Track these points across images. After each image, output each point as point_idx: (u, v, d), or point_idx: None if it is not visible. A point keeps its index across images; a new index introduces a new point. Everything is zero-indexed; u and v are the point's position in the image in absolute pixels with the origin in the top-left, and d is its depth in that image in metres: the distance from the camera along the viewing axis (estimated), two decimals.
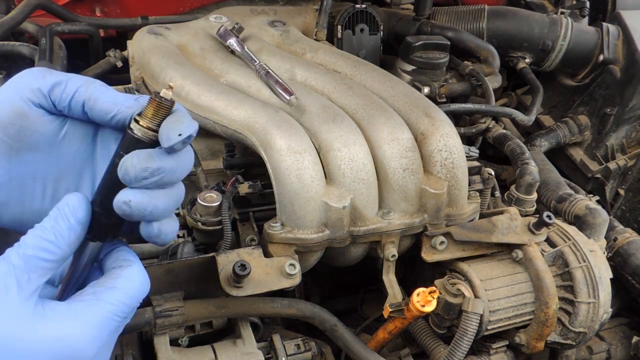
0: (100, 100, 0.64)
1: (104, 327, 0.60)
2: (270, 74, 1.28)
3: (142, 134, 0.62)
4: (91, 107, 0.64)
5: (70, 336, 0.58)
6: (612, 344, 1.47)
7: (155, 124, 0.62)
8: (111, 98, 0.65)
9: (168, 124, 0.62)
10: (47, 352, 0.57)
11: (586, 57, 1.92)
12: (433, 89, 1.65)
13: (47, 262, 0.59)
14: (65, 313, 0.59)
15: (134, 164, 0.60)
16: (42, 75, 0.65)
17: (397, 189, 1.18)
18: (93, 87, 0.65)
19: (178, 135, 0.61)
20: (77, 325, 0.59)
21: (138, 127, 0.62)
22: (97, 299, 0.61)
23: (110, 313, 0.61)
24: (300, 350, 1.10)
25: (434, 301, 1.10)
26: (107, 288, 0.62)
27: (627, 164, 1.92)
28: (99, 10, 1.77)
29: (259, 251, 1.10)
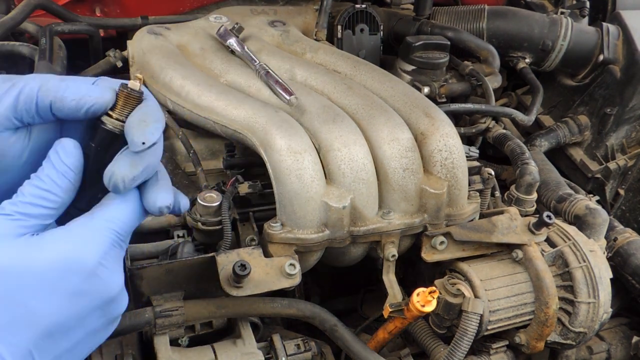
0: (67, 99, 0.61)
1: (100, 237, 0.60)
2: (270, 74, 1.28)
3: (113, 127, 0.62)
4: (59, 108, 0.62)
5: (66, 247, 0.58)
6: (612, 344, 1.47)
7: (125, 115, 0.62)
8: (77, 93, 0.62)
9: (132, 123, 0.62)
10: (46, 267, 0.57)
11: (586, 57, 1.92)
12: (433, 89, 1.65)
13: (45, 208, 0.59)
14: (60, 232, 0.60)
15: (122, 177, 0.61)
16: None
17: (397, 189, 1.18)
18: (53, 86, 0.61)
19: (142, 143, 0.61)
20: (72, 238, 0.59)
21: (110, 120, 0.62)
22: (92, 216, 0.62)
23: (105, 228, 0.61)
24: (300, 350, 1.11)
25: (434, 301, 1.10)
26: (101, 206, 0.63)
27: (627, 164, 1.92)
28: (99, 10, 1.77)
29: (259, 251, 1.10)
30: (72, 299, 0.58)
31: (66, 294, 0.58)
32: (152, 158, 0.62)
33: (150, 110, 0.63)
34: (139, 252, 1.21)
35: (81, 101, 0.61)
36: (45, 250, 0.57)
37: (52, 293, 0.57)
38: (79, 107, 0.62)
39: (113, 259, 0.62)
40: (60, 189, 0.60)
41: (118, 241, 0.62)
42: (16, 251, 0.56)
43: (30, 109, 0.61)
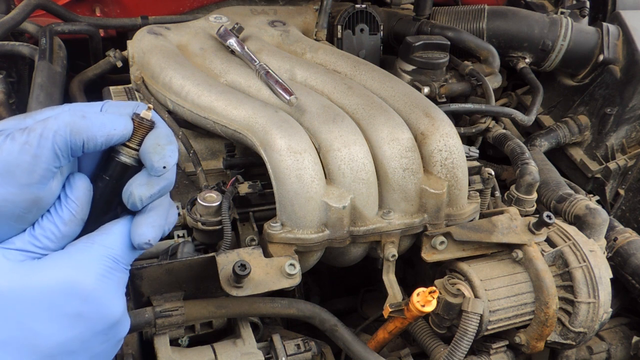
0: (97, 138, 0.62)
1: (99, 264, 0.61)
2: (270, 74, 1.28)
3: (128, 156, 0.65)
4: (90, 148, 0.62)
5: (65, 271, 0.59)
6: (612, 344, 1.47)
7: (136, 143, 0.65)
8: (104, 130, 0.63)
9: (149, 149, 0.64)
10: (45, 291, 0.58)
11: (586, 57, 1.92)
12: (433, 89, 1.65)
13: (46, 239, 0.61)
14: (59, 256, 0.60)
15: (141, 197, 0.64)
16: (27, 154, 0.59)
17: (397, 189, 1.18)
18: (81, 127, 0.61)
19: (163, 167, 0.64)
20: (71, 262, 0.60)
21: (126, 150, 0.65)
22: (91, 242, 0.62)
23: (103, 254, 0.62)
24: (300, 350, 1.10)
25: (434, 301, 1.10)
26: (101, 233, 0.64)
27: (627, 164, 1.92)
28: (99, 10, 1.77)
29: (259, 251, 1.10)
30: (73, 322, 0.59)
31: (66, 317, 0.59)
32: (168, 179, 0.65)
33: (163, 134, 0.65)
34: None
35: (109, 137, 0.63)
36: (45, 274, 0.58)
37: (53, 315, 0.58)
38: (107, 142, 0.64)
39: (113, 284, 0.62)
40: (61, 221, 0.61)
41: (118, 267, 0.63)
42: (17, 275, 0.57)
43: (66, 156, 0.61)
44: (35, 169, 0.59)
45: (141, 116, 0.65)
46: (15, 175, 0.58)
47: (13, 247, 0.59)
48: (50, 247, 0.61)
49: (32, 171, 0.59)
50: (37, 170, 0.59)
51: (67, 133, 0.60)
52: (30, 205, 0.60)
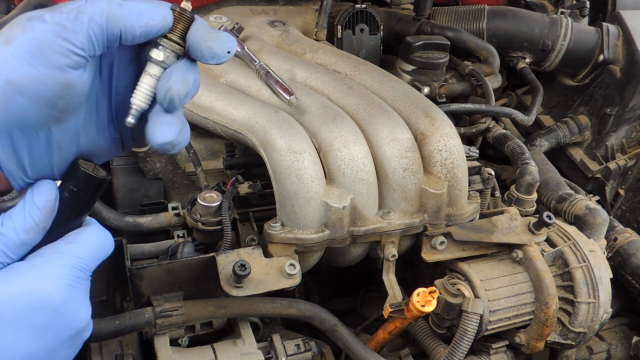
0: (135, 27, 0.59)
1: (67, 275, 0.60)
2: (270, 74, 1.28)
3: (172, 49, 0.62)
4: (127, 39, 0.59)
5: (33, 284, 0.58)
6: (612, 344, 1.47)
7: (179, 36, 0.62)
8: (142, 20, 0.59)
9: (203, 37, 0.61)
10: (12, 303, 0.57)
11: (586, 57, 1.92)
12: (433, 89, 1.65)
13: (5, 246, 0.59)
14: (25, 268, 0.59)
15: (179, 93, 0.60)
16: (60, 36, 0.56)
17: (397, 189, 1.18)
18: (119, 15, 0.58)
19: (227, 52, 0.61)
20: (39, 274, 0.59)
21: (169, 42, 0.61)
22: (58, 252, 0.61)
23: (71, 265, 0.61)
24: (300, 350, 1.10)
25: (434, 301, 1.10)
26: (67, 242, 0.62)
27: (627, 164, 1.92)
28: None
29: (259, 251, 1.10)
30: (41, 333, 0.59)
31: (35, 329, 0.58)
32: (197, 72, 0.62)
33: (208, 26, 0.62)
34: (139, 252, 1.21)
35: (147, 28, 0.60)
36: (11, 285, 0.58)
37: (21, 328, 0.58)
38: (146, 33, 0.60)
39: (80, 292, 0.62)
40: (22, 229, 0.60)
41: (85, 275, 0.63)
42: None
43: (101, 44, 0.58)
44: (68, 53, 0.56)
45: (182, 6, 0.61)
46: (46, 55, 0.55)
47: None
48: (8, 255, 0.60)
49: (64, 55, 0.56)
50: (70, 55, 0.56)
51: (104, 20, 0.57)
52: (61, 90, 0.57)
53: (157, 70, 0.63)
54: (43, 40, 0.55)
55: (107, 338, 1.04)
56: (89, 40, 0.57)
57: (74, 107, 0.61)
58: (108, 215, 1.26)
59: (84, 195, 0.64)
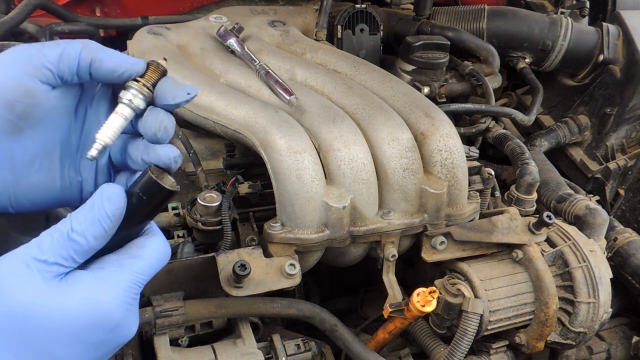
0: (105, 60, 0.67)
1: (128, 293, 0.61)
2: (270, 74, 1.28)
3: (140, 90, 0.68)
4: (97, 68, 0.66)
5: (96, 300, 0.58)
6: (612, 344, 1.47)
7: (151, 84, 0.69)
8: (115, 57, 0.68)
9: (167, 85, 0.68)
10: (74, 318, 0.57)
11: (586, 57, 1.92)
12: (433, 89, 1.65)
13: (74, 252, 0.59)
14: (89, 280, 0.59)
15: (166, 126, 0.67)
16: (40, 51, 0.65)
17: (397, 189, 1.18)
18: (94, 48, 0.67)
19: (187, 94, 0.68)
20: (102, 290, 0.59)
21: (138, 85, 0.68)
22: (122, 266, 0.61)
23: (132, 282, 0.61)
24: (300, 350, 1.10)
25: (434, 301, 1.10)
26: (131, 257, 0.63)
27: (627, 164, 1.92)
28: (99, 10, 1.76)
29: (259, 251, 1.10)
30: (94, 349, 0.60)
31: (90, 345, 0.59)
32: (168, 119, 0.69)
33: (174, 79, 0.70)
34: None
35: (117, 64, 0.67)
36: (73, 298, 0.58)
37: (76, 343, 0.58)
38: (115, 69, 0.67)
39: (135, 309, 0.63)
40: (92, 235, 0.60)
41: (140, 290, 0.63)
42: (43, 296, 0.57)
43: (72, 67, 0.65)
44: (40, 65, 0.63)
45: (159, 61, 0.68)
46: (20, 63, 0.63)
47: (40, 256, 0.58)
48: (76, 261, 0.59)
49: (35, 65, 0.63)
50: (40, 68, 0.63)
51: (79, 48, 0.65)
52: (22, 95, 0.63)
53: (125, 111, 0.69)
54: (22, 52, 0.64)
55: None
56: (60, 57, 0.64)
57: (33, 120, 0.66)
58: None
59: (150, 204, 0.64)
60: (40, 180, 0.69)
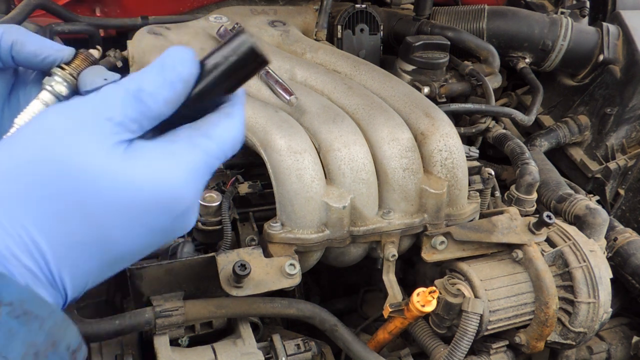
0: (28, 44, 0.65)
1: (198, 173, 0.53)
2: (270, 74, 1.28)
3: (64, 78, 0.68)
4: (19, 51, 0.65)
5: (165, 175, 0.50)
6: (612, 344, 1.47)
7: (77, 72, 0.69)
8: (38, 42, 0.66)
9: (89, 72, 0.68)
10: (141, 193, 0.49)
11: (586, 57, 1.92)
12: (433, 89, 1.65)
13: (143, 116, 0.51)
14: (159, 152, 0.51)
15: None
16: None
17: (397, 189, 1.18)
18: (16, 31, 0.65)
19: (103, 79, 0.66)
20: (172, 164, 0.50)
21: (62, 72, 0.68)
22: (193, 144, 0.53)
23: (203, 162, 0.53)
24: (300, 350, 1.10)
25: (434, 301, 1.10)
26: (203, 135, 0.54)
27: (627, 164, 1.92)
28: (99, 10, 1.76)
29: (259, 251, 1.10)
30: (155, 234, 0.52)
31: (150, 230, 0.51)
32: None
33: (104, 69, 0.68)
34: None
35: (40, 49, 0.65)
36: (141, 170, 0.49)
37: (136, 226, 0.50)
38: (37, 53, 0.65)
39: (200, 193, 0.55)
40: (164, 99, 0.51)
41: (207, 177, 0.55)
42: (105, 161, 0.48)
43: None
44: None
45: (89, 51, 0.69)
46: None
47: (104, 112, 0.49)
48: (143, 127, 0.51)
49: None
50: None
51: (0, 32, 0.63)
52: None
53: (46, 96, 0.68)
54: None
55: (107, 338, 1.04)
56: None
57: None
58: None
59: (240, 73, 0.55)
60: None
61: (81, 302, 1.27)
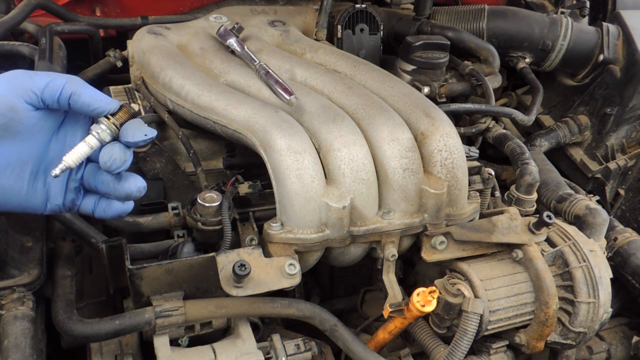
0: (84, 95, 0.81)
1: None
2: (270, 74, 1.28)
3: (108, 127, 0.84)
4: (75, 101, 0.81)
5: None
6: (612, 344, 1.47)
7: (120, 123, 0.85)
8: (93, 94, 0.82)
9: (131, 125, 0.85)
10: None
11: (586, 57, 1.92)
12: (433, 89, 1.65)
13: None
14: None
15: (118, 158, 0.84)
16: (30, 77, 0.80)
17: (397, 189, 1.18)
18: (76, 84, 0.81)
19: (144, 135, 0.85)
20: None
21: (107, 122, 0.84)
22: None
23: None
24: (300, 350, 1.10)
25: (434, 301, 1.10)
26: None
27: (627, 164, 1.92)
28: (99, 10, 1.76)
29: (259, 251, 1.10)
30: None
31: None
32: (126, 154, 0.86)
33: (141, 122, 0.87)
34: (139, 252, 1.21)
35: (93, 101, 0.82)
36: None
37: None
38: (90, 104, 0.82)
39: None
40: None
41: None
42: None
43: (54, 95, 0.80)
44: (28, 89, 0.79)
45: (132, 105, 0.85)
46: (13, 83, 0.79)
47: None
48: None
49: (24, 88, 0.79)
50: (28, 91, 0.79)
51: (64, 81, 0.80)
52: (6, 110, 0.78)
53: (92, 141, 0.84)
54: (16, 75, 0.81)
55: (107, 338, 1.04)
56: (46, 86, 0.80)
57: (13, 132, 0.80)
58: None
59: None
60: (9, 184, 0.82)
61: (81, 302, 1.28)
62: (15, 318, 1.02)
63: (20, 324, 1.02)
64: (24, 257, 1.13)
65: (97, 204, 0.92)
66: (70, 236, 1.27)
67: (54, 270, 1.19)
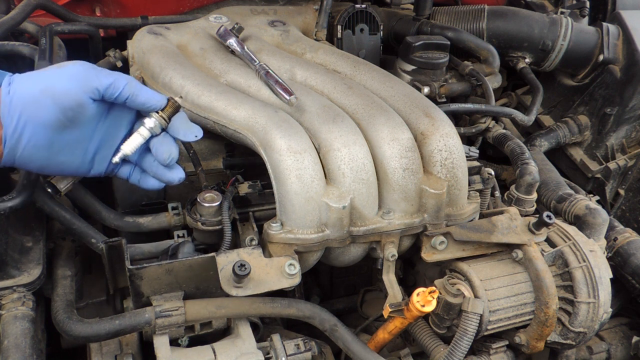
0: (140, 96, 0.97)
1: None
2: (270, 74, 1.28)
3: (158, 121, 1.00)
4: (132, 100, 0.96)
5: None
6: (612, 344, 1.47)
7: (168, 116, 1.01)
8: (147, 95, 0.97)
9: (181, 123, 1.04)
10: None
11: (586, 57, 1.92)
12: (433, 89, 1.65)
13: None
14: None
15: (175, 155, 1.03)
16: (97, 76, 0.93)
17: (397, 189, 1.18)
18: (134, 85, 0.96)
19: (194, 136, 1.04)
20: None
21: (157, 116, 1.00)
22: None
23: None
24: (300, 350, 1.10)
25: (434, 301, 1.10)
26: None
27: (627, 164, 1.92)
28: (99, 10, 1.76)
29: (259, 251, 1.10)
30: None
31: None
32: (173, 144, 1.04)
33: (185, 117, 1.06)
34: (139, 252, 1.21)
35: (148, 100, 0.98)
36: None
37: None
38: (145, 103, 0.98)
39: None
40: None
41: None
42: None
43: (115, 93, 0.94)
44: (94, 87, 0.92)
45: (176, 98, 1.01)
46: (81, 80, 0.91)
47: None
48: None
49: (91, 85, 0.91)
50: (94, 89, 0.92)
51: (125, 83, 0.95)
52: (74, 105, 0.91)
53: (145, 133, 1.00)
54: (85, 72, 0.93)
55: (107, 338, 1.04)
56: (109, 85, 0.93)
57: (76, 122, 0.94)
58: (108, 215, 1.26)
59: None
60: (66, 159, 0.97)
61: (81, 302, 1.28)
62: (15, 318, 1.03)
63: (20, 324, 1.02)
64: (24, 257, 1.13)
65: (133, 173, 1.06)
66: (70, 236, 1.27)
67: (54, 270, 1.19)
